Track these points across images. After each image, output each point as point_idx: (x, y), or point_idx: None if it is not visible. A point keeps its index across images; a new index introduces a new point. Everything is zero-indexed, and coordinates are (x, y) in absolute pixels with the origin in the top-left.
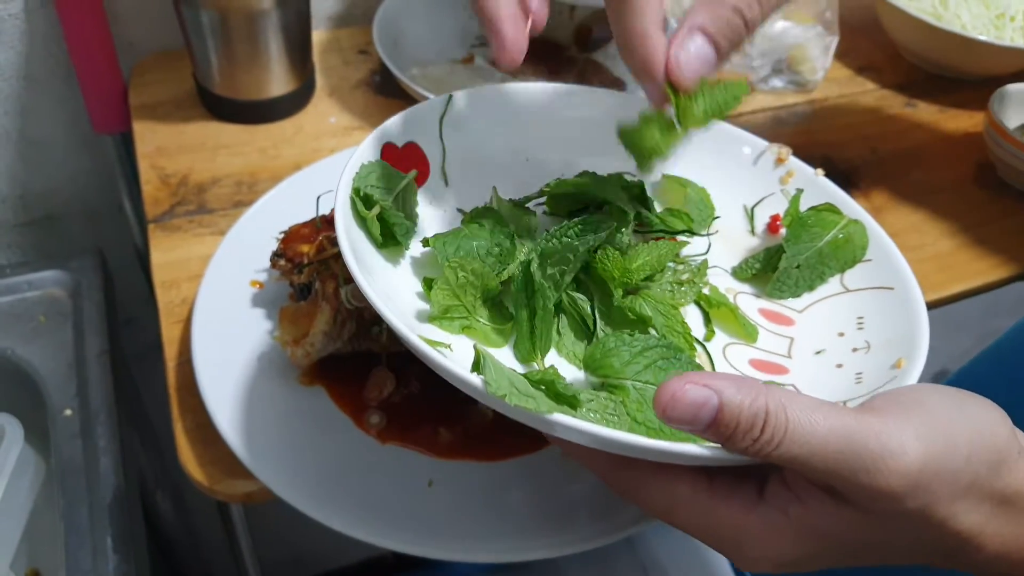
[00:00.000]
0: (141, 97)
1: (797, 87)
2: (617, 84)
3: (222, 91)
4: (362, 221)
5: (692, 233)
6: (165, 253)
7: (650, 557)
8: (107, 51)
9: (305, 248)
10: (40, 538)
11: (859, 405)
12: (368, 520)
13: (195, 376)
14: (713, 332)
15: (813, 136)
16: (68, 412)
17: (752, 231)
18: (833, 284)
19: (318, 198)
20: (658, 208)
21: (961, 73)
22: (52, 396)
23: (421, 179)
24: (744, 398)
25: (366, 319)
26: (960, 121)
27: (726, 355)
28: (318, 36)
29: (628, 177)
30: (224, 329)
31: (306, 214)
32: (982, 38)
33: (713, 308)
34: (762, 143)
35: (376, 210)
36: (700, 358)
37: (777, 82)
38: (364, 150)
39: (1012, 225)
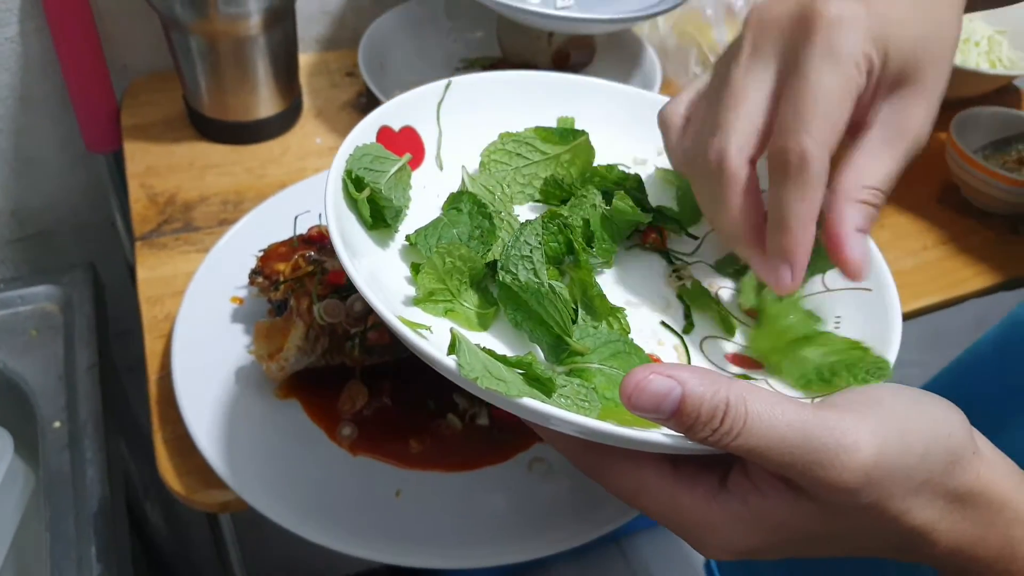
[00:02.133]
0: (133, 118)
1: None
2: None
3: (211, 112)
4: (353, 202)
5: (682, 230)
6: (151, 270)
7: (641, 564)
8: (100, 73)
9: (281, 266)
10: (28, 548)
11: (820, 401)
12: (338, 529)
13: (174, 390)
14: (692, 325)
15: None
16: (57, 424)
17: None
18: (815, 283)
19: (296, 218)
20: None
21: None
22: (42, 408)
23: (416, 163)
24: (706, 390)
25: (339, 334)
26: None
27: (703, 348)
28: (306, 58)
29: (623, 169)
30: (203, 344)
31: (286, 233)
32: None
33: (694, 301)
34: None
35: (366, 192)
36: (678, 350)
37: None
38: (360, 131)
39: (974, 243)
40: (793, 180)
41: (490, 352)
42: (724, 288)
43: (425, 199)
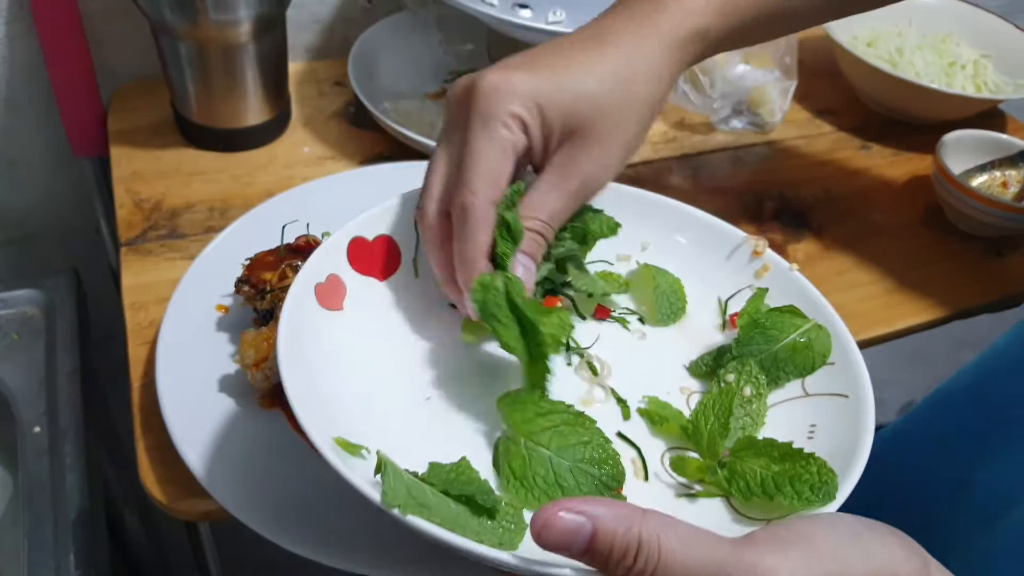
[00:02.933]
0: (119, 123)
1: (756, 128)
2: None
3: (199, 119)
4: None
5: (641, 321)
6: (136, 276)
7: None
8: (87, 76)
9: (268, 275)
10: (5, 554)
11: (743, 536)
12: (320, 540)
13: (157, 397)
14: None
15: (770, 175)
16: (37, 429)
17: (723, 326)
18: (793, 387)
19: (283, 227)
20: (628, 301)
21: (915, 118)
22: (22, 413)
23: (390, 270)
24: (618, 527)
25: None
26: (912, 164)
27: (664, 460)
28: (295, 67)
29: (605, 267)
30: (188, 351)
31: (273, 241)
32: (934, 86)
33: (656, 425)
34: (739, 234)
35: None
36: (636, 463)
37: (737, 123)
38: (332, 243)
39: (956, 266)
40: (459, 228)
41: (431, 476)
42: (696, 393)
43: (399, 310)
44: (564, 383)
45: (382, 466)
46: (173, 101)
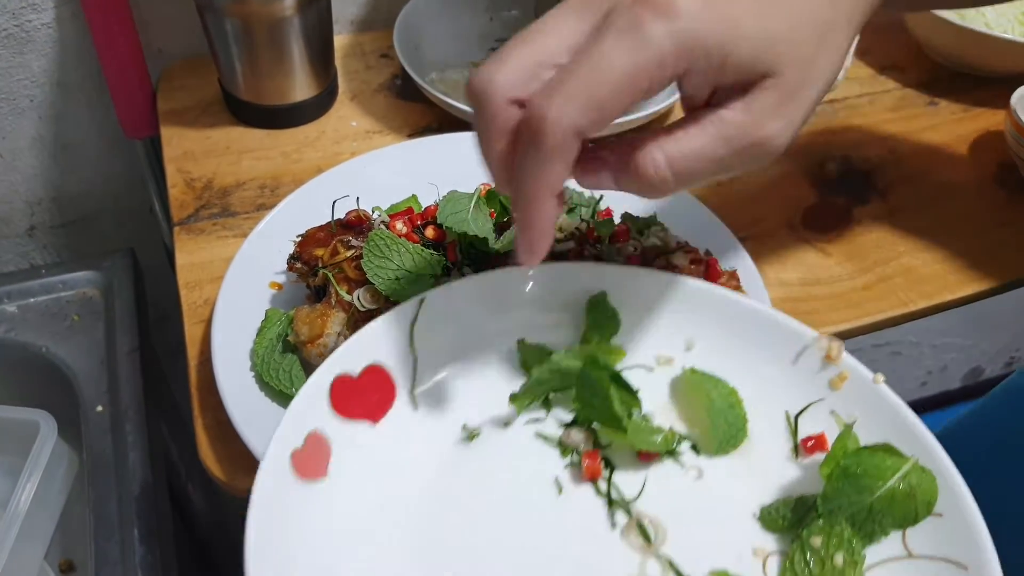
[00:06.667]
0: (169, 102)
1: None
2: None
3: (247, 96)
4: None
5: (696, 451)
6: (190, 255)
7: None
8: (136, 58)
9: (320, 251)
10: (73, 530)
11: None
12: None
13: (214, 375)
14: None
15: (833, 136)
16: (100, 408)
17: (796, 453)
18: (892, 544)
19: (334, 203)
20: (675, 416)
21: (985, 71)
22: (84, 392)
23: (382, 410)
24: None
25: None
26: (983, 120)
27: None
28: (340, 40)
29: (640, 368)
30: (243, 329)
31: (323, 217)
32: (1006, 36)
33: None
34: (808, 333)
35: None
36: None
37: None
38: (310, 390)
39: None
40: (526, 146)
41: None
42: (775, 555)
43: (397, 450)
44: (611, 556)
45: None
46: (221, 79)
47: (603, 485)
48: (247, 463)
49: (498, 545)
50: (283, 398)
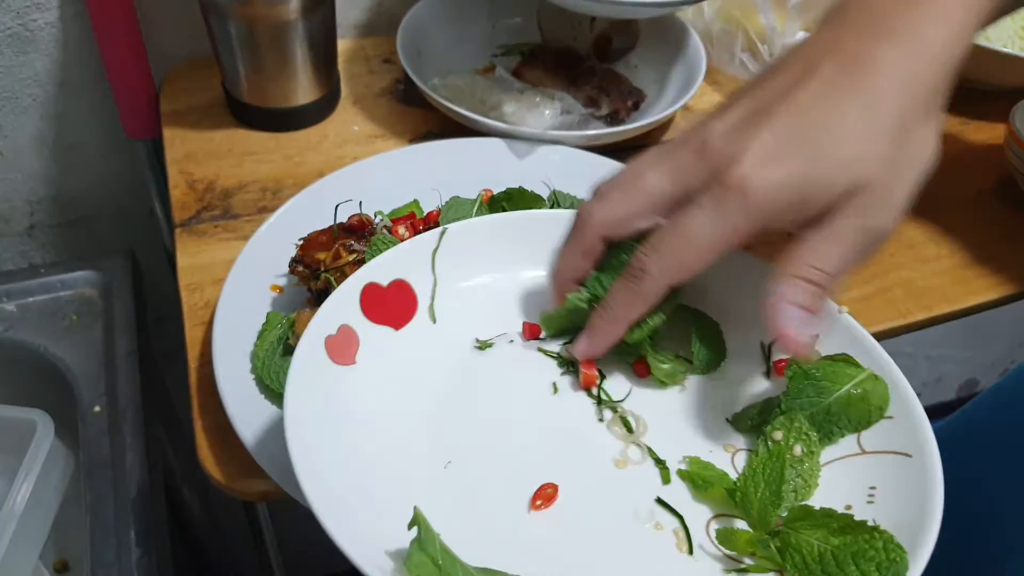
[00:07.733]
0: (172, 104)
1: None
2: (636, 94)
3: (249, 99)
4: None
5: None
6: (191, 257)
7: None
8: (140, 59)
9: (322, 255)
10: (68, 530)
11: None
12: None
13: (215, 377)
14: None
15: None
16: (97, 409)
17: (768, 374)
18: (848, 444)
19: (336, 207)
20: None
21: (986, 84)
22: (82, 393)
23: (405, 319)
24: None
25: None
26: (983, 133)
27: (709, 531)
28: (344, 45)
29: None
30: (244, 332)
31: (326, 221)
32: (1006, 50)
33: (699, 489)
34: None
35: None
36: (679, 534)
37: None
38: (344, 291)
39: None
40: (627, 279)
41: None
42: (742, 451)
43: (414, 357)
44: (596, 442)
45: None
46: (224, 82)
47: (595, 390)
48: (246, 466)
49: (497, 431)
50: (283, 401)
